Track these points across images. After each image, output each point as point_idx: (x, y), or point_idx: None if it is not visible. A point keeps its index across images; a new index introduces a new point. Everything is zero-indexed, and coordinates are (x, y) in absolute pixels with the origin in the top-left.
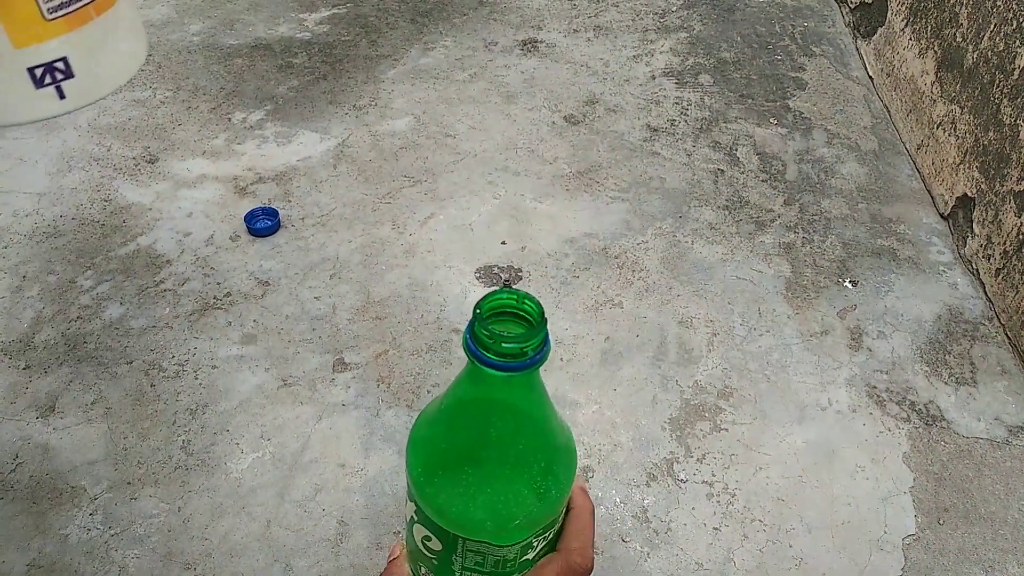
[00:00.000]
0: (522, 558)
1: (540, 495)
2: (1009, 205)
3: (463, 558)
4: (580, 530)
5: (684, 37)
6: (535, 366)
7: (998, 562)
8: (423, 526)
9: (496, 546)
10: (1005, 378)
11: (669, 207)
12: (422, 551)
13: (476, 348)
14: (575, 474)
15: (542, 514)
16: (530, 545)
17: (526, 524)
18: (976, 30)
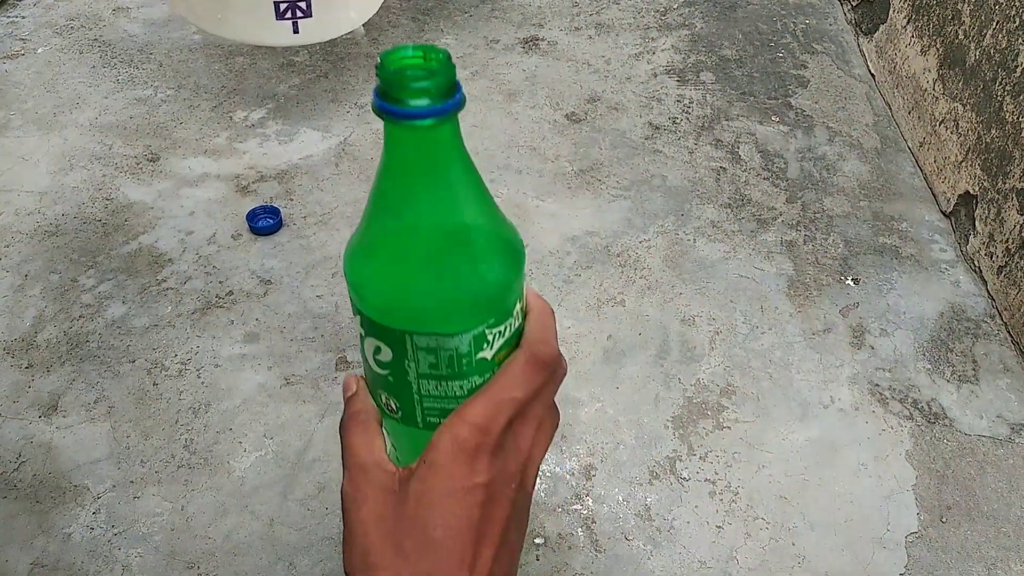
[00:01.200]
0: (478, 354)
1: (483, 271)
2: (1011, 203)
3: (416, 362)
4: (541, 324)
5: (686, 35)
6: (452, 110)
7: (1001, 560)
8: (371, 337)
9: (447, 336)
10: (1007, 376)
11: (671, 205)
12: (377, 371)
13: (384, 101)
14: (523, 265)
15: (488, 293)
16: (484, 339)
17: (473, 306)
18: (979, 27)
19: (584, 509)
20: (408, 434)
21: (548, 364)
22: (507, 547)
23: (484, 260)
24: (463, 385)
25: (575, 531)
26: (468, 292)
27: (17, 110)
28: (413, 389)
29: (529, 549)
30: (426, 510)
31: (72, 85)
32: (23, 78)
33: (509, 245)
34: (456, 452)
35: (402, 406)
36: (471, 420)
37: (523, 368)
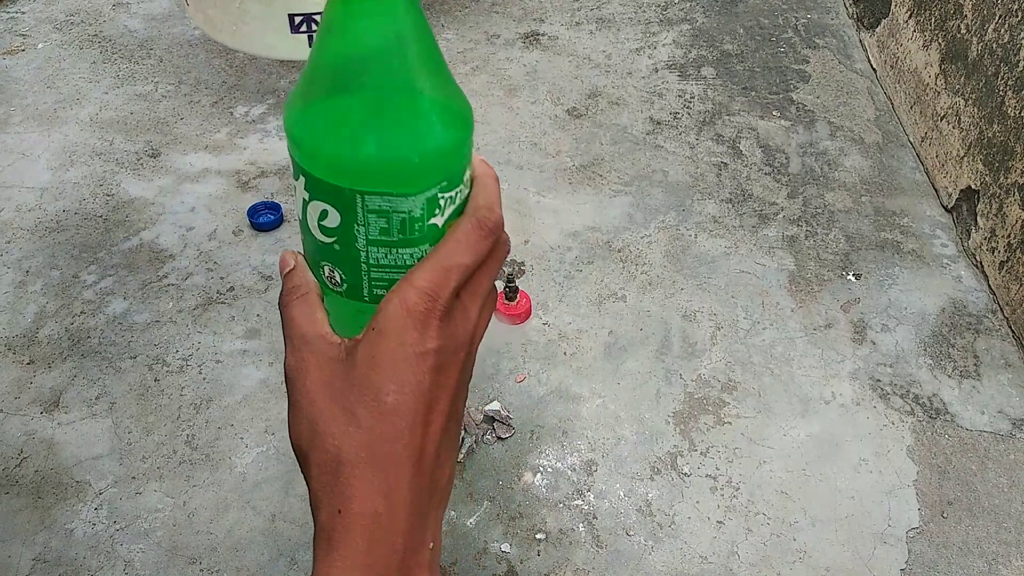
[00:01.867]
0: (430, 220)
1: (434, 127)
2: (1013, 198)
3: (366, 226)
4: (485, 191)
5: (687, 29)
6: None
7: (1002, 555)
8: (317, 200)
9: (399, 196)
10: (1009, 371)
11: (672, 200)
12: (320, 239)
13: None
14: (472, 130)
15: (440, 155)
16: (436, 203)
17: (428, 163)
18: (981, 22)
19: (585, 504)
20: (352, 308)
21: (493, 230)
22: (455, 416)
23: (441, 114)
24: (413, 254)
25: (576, 526)
26: (425, 147)
27: (17, 106)
28: (361, 258)
29: (531, 544)
30: (377, 375)
31: (72, 81)
32: (23, 74)
33: (463, 107)
34: (405, 317)
35: (348, 278)
36: (419, 285)
37: (469, 234)
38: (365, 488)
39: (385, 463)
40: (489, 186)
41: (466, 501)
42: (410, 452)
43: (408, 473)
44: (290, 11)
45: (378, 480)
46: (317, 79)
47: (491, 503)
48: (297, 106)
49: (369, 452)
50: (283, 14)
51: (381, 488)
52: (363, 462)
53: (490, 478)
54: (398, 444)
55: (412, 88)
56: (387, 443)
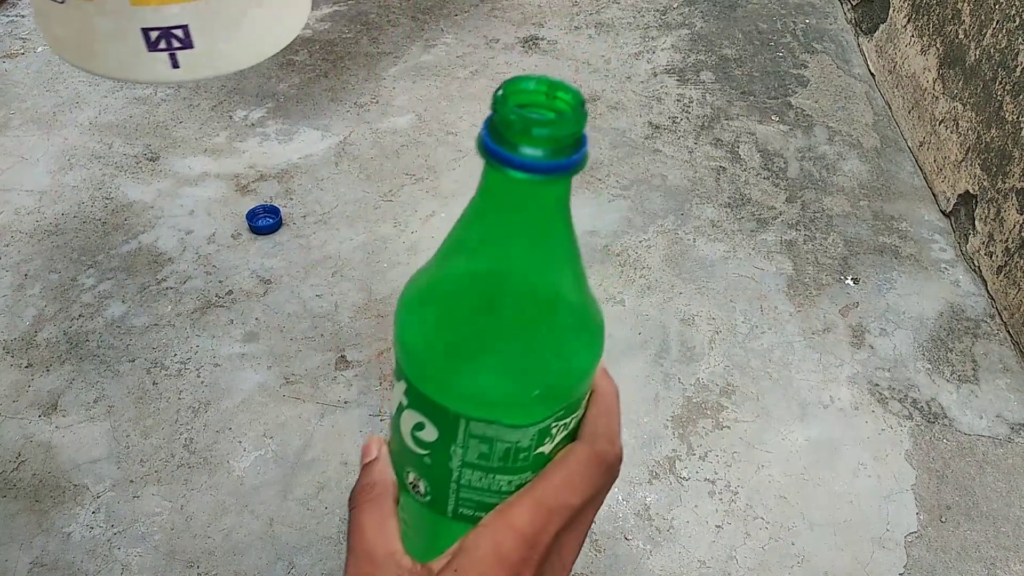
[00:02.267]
0: (537, 449)
1: (566, 359)
2: (1011, 202)
3: (464, 448)
4: (606, 414)
5: (686, 34)
6: (575, 168)
7: (1000, 559)
8: (415, 410)
9: (508, 427)
10: (1007, 375)
11: (671, 204)
12: (411, 447)
13: (495, 143)
14: (603, 350)
15: (566, 386)
16: (548, 432)
17: (546, 398)
18: (979, 27)
19: None
20: (431, 521)
21: (612, 466)
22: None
23: (572, 342)
24: (512, 481)
25: None
26: (547, 381)
27: (17, 109)
28: (452, 477)
29: None
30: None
31: (72, 84)
32: (23, 77)
33: (596, 327)
34: (495, 564)
35: (432, 491)
36: (517, 527)
37: (585, 471)
38: None
39: None
40: (611, 409)
41: None
42: None
43: None
44: (145, 25)
45: None
46: (441, 274)
47: None
48: (412, 307)
49: None
50: (137, 29)
51: None
52: None
53: None
54: None
55: (550, 312)
56: None
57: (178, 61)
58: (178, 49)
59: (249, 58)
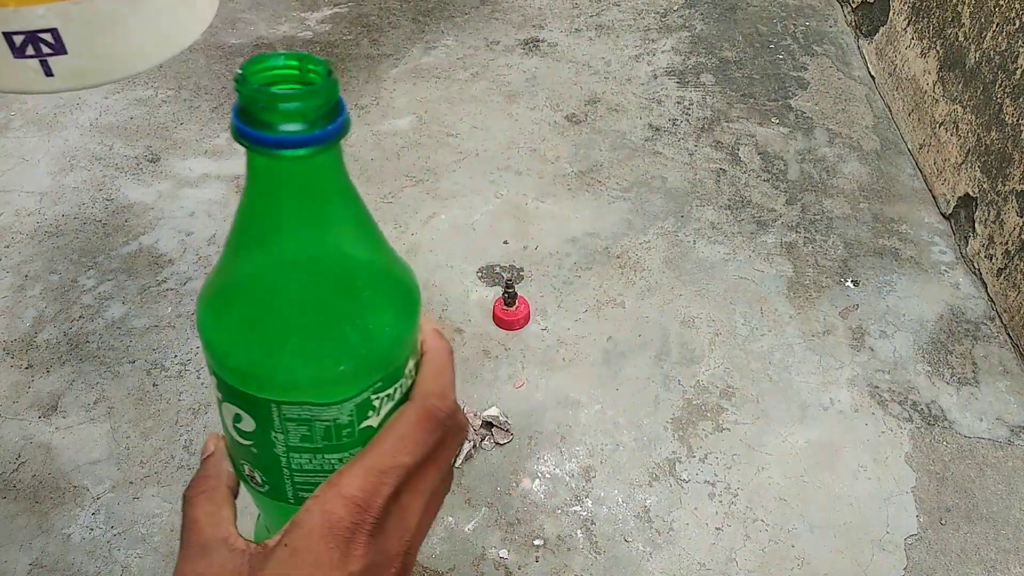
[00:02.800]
0: (361, 423)
1: (367, 330)
2: (1011, 205)
3: (284, 434)
4: (436, 372)
5: (686, 36)
6: (334, 137)
7: (1000, 562)
8: (229, 403)
9: (321, 406)
10: (1007, 378)
11: (671, 206)
12: (237, 439)
13: (246, 123)
14: (419, 313)
15: (374, 357)
16: (370, 405)
17: (354, 372)
18: (978, 29)
19: (583, 511)
20: (276, 510)
21: (443, 421)
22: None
23: (372, 313)
24: (343, 458)
25: (574, 532)
26: (351, 354)
27: (17, 110)
28: (282, 463)
29: (529, 551)
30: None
31: None
32: None
33: (403, 291)
34: (327, 534)
35: (269, 480)
36: (347, 493)
37: (414, 428)
38: None
39: None
40: (442, 366)
41: (464, 507)
42: None
43: None
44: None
45: None
46: (228, 271)
47: (489, 509)
48: (206, 302)
49: None
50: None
51: None
52: None
53: (488, 484)
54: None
55: (341, 287)
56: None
57: (51, 68)
58: (49, 55)
59: (139, 62)
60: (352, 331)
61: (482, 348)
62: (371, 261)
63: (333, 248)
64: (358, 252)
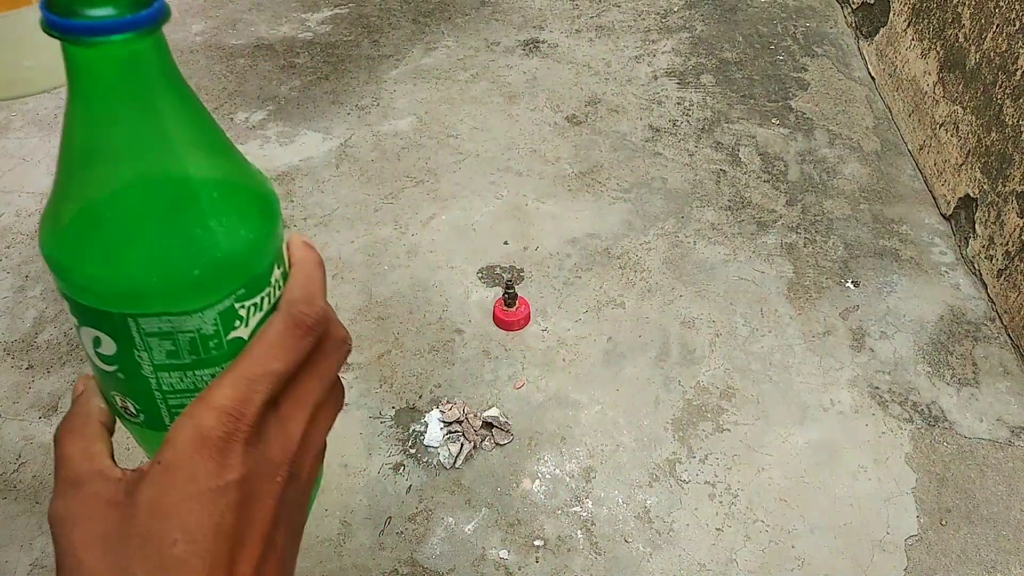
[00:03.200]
0: (229, 334)
1: (218, 231)
2: (1012, 206)
3: (148, 351)
4: (304, 281)
5: (686, 37)
6: (150, 22)
7: (1000, 563)
8: (87, 327)
9: (180, 315)
10: (1007, 379)
11: (671, 207)
12: (103, 368)
13: (53, 11)
14: (278, 221)
15: (228, 261)
16: (235, 315)
17: (211, 277)
18: (979, 31)
19: (583, 511)
20: (157, 440)
21: (312, 327)
22: (274, 552)
23: (221, 216)
24: (215, 373)
25: (574, 533)
26: (202, 257)
27: (18, 111)
28: (152, 386)
29: (529, 551)
30: (161, 522)
31: None
32: None
33: (255, 194)
34: (199, 446)
35: (143, 408)
36: (217, 404)
37: (281, 335)
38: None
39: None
40: (310, 274)
41: (464, 507)
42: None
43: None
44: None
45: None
46: (64, 184)
47: (489, 509)
48: (47, 218)
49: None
50: None
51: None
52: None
53: (488, 484)
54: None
55: (182, 188)
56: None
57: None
58: None
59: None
60: (202, 233)
61: (482, 349)
62: (216, 163)
63: (168, 148)
64: (198, 153)
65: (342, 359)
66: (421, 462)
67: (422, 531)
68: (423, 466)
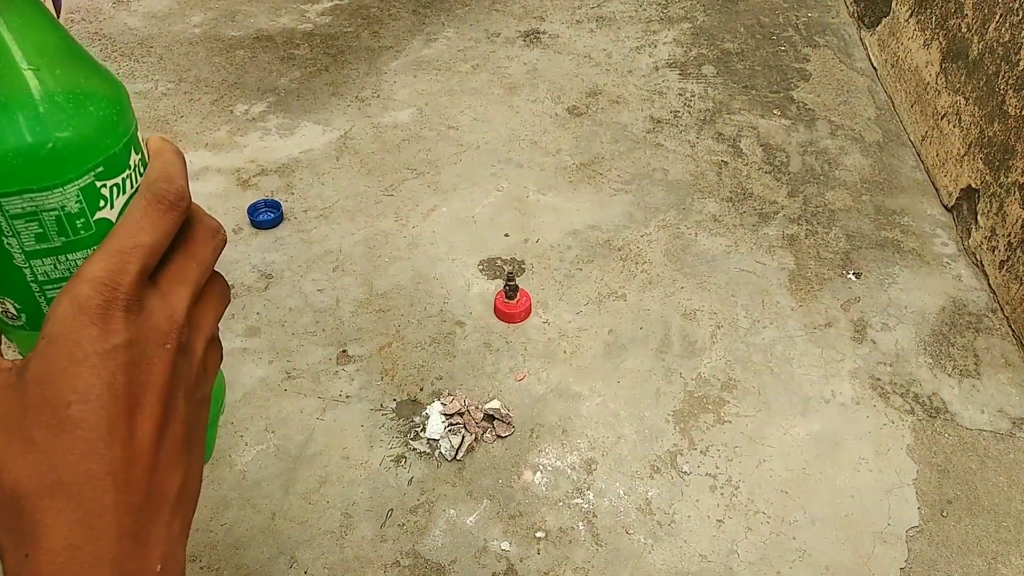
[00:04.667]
0: (96, 214)
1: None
2: (1014, 197)
3: (16, 236)
4: (162, 164)
5: (687, 28)
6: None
7: (1001, 554)
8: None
9: (42, 191)
10: (1009, 370)
11: (672, 199)
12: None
13: None
14: (129, 108)
15: (81, 133)
16: (97, 193)
17: (66, 150)
18: (981, 20)
19: (585, 503)
20: None
21: (175, 202)
22: (176, 418)
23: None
24: (87, 256)
25: (576, 525)
26: (53, 130)
27: None
28: (27, 277)
29: (530, 543)
30: (53, 388)
31: None
32: None
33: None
34: (80, 314)
35: (22, 305)
36: (91, 276)
37: (144, 210)
38: (54, 520)
39: (78, 486)
40: (167, 159)
41: (466, 499)
42: (110, 467)
43: (110, 492)
44: None
45: (70, 507)
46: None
47: (491, 501)
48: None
49: (54, 477)
50: None
51: (75, 516)
52: (48, 491)
53: (490, 476)
54: (91, 461)
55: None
56: (77, 462)
57: None
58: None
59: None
60: (51, 108)
61: (483, 341)
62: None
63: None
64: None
65: (217, 247)
66: (422, 454)
67: (424, 523)
68: (424, 458)
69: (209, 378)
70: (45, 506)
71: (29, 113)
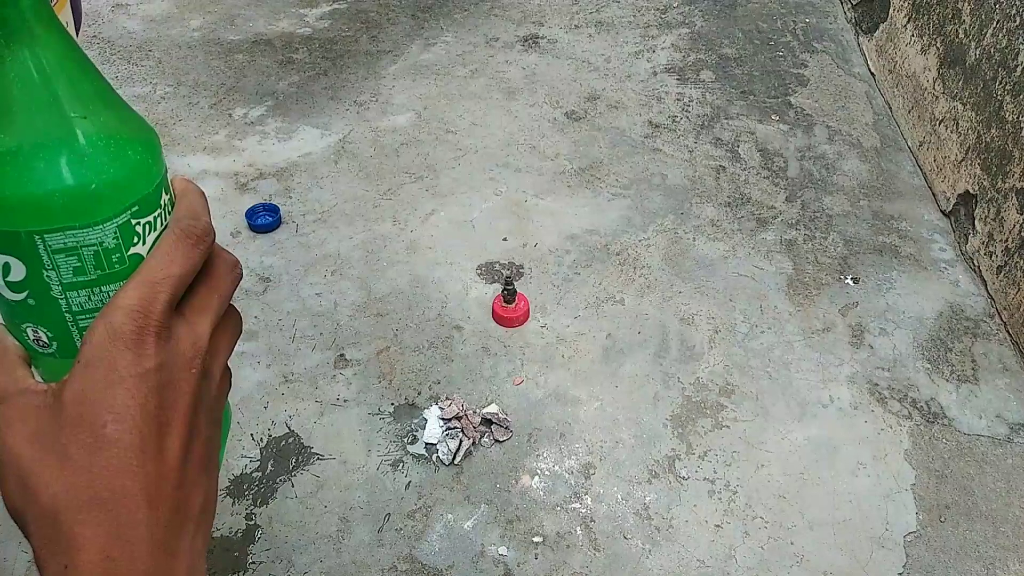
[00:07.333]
0: (130, 249)
1: (108, 151)
2: (1011, 202)
3: (56, 269)
4: (188, 203)
5: (686, 33)
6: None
7: (999, 559)
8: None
9: (83, 228)
10: (1006, 375)
11: (671, 204)
12: (12, 298)
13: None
14: (161, 152)
15: (121, 175)
16: (132, 230)
17: (107, 191)
18: (979, 26)
19: (583, 508)
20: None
21: (201, 237)
22: (199, 437)
23: (117, 145)
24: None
25: (574, 530)
26: (96, 173)
27: None
28: (62, 308)
29: (528, 547)
30: (90, 408)
31: None
32: None
33: (136, 125)
34: (115, 341)
35: (55, 334)
36: (125, 304)
37: (173, 245)
38: (92, 532)
39: (113, 501)
40: (192, 199)
41: (463, 504)
42: (143, 483)
43: (143, 507)
44: None
45: (107, 521)
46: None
47: (488, 506)
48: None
49: (91, 492)
50: None
51: (111, 529)
52: (86, 505)
53: (487, 481)
54: (126, 477)
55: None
56: (112, 478)
57: None
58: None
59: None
60: (95, 152)
61: (481, 345)
62: (101, 101)
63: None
64: (87, 90)
65: (235, 281)
66: (420, 459)
67: (421, 528)
68: (422, 463)
69: (222, 398)
70: (83, 520)
71: (75, 158)
